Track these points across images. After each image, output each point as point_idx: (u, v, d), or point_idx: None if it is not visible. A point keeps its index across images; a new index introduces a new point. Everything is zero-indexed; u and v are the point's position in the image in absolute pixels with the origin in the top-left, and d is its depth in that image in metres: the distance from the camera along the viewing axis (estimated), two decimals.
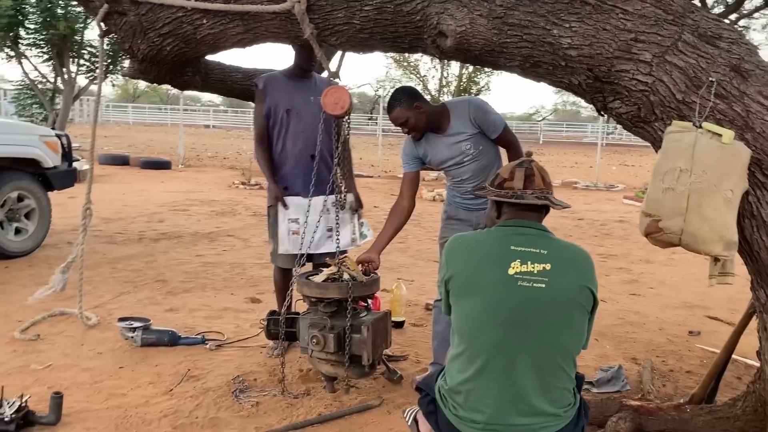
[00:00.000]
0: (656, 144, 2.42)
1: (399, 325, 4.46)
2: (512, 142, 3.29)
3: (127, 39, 3.42)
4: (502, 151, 3.39)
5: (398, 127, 3.35)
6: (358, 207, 3.77)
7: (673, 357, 4.11)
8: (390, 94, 3.42)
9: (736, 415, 2.79)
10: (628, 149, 32.47)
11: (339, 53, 3.73)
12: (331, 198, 3.60)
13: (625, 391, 3.51)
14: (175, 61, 3.52)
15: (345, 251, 3.46)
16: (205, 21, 3.15)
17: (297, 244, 3.57)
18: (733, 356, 3.69)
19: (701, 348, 4.29)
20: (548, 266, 1.87)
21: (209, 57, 3.88)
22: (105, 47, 13.05)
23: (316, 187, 3.47)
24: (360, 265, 3.24)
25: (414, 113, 3.20)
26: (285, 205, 3.67)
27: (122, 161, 16.07)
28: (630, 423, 2.87)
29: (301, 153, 3.74)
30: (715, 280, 2.27)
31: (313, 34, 3.00)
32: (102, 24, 3.45)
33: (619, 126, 2.78)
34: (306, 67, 3.77)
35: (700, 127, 2.23)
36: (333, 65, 3.40)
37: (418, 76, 14.40)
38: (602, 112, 2.57)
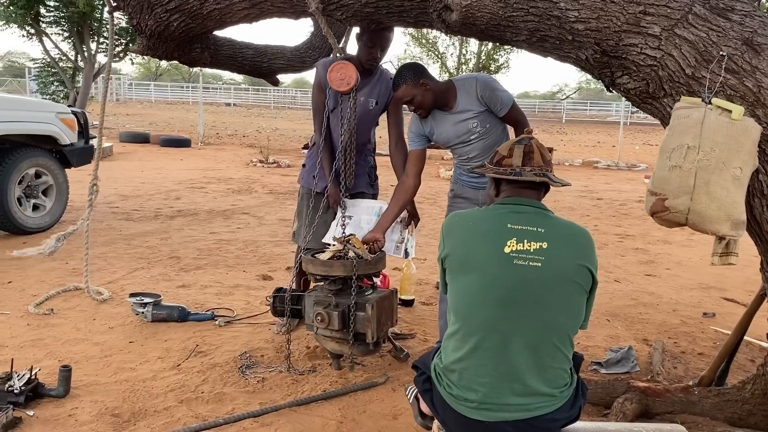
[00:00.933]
0: (665, 121, 2.36)
1: (409, 303, 4.46)
2: (520, 120, 3.22)
3: (134, 14, 3.41)
4: (510, 129, 3.33)
5: (404, 105, 3.30)
6: (409, 222, 3.60)
7: (685, 338, 4.06)
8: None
9: (744, 398, 2.74)
10: (653, 128, 31.91)
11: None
12: (385, 204, 3.51)
13: (634, 373, 3.47)
14: (182, 37, 3.50)
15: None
16: None
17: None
18: (749, 339, 3.64)
19: (715, 330, 4.23)
20: (545, 245, 1.83)
21: (217, 33, 3.86)
22: (124, 25, 13.00)
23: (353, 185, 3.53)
24: (365, 244, 3.22)
25: (420, 90, 3.14)
26: (343, 208, 3.51)
27: (143, 139, 16.19)
28: (636, 404, 2.84)
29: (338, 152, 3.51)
30: (717, 259, 2.22)
31: (318, 9, 2.96)
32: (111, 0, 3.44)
33: None
34: (366, 66, 3.43)
35: (710, 102, 2.16)
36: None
37: (436, 53, 14.20)
38: (610, 88, 2.51)
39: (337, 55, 3.48)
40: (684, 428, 2.03)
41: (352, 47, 3.59)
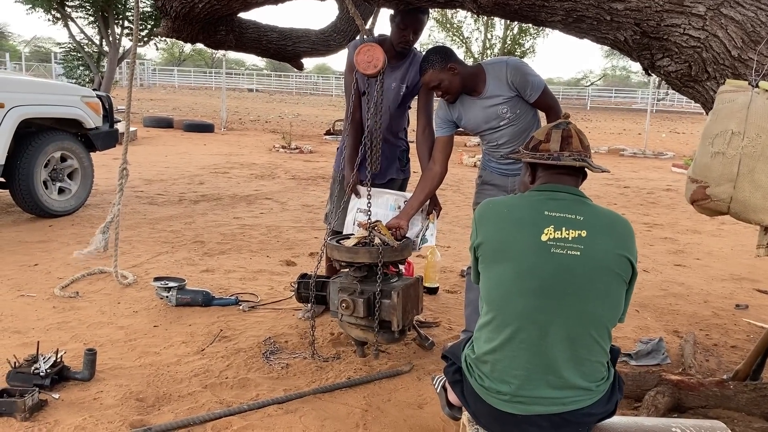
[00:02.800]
0: (707, 105, 2.26)
1: (433, 291, 4.41)
2: (551, 106, 3.12)
3: None
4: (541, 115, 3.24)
5: (431, 91, 3.21)
6: (430, 210, 3.47)
7: (717, 331, 3.95)
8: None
9: None
10: (680, 116, 31.38)
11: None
12: (402, 198, 3.46)
13: (665, 365, 3.39)
14: (207, 19, 3.47)
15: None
16: None
17: None
18: None
19: (748, 322, 4.12)
20: (584, 233, 1.76)
21: (242, 15, 3.81)
22: (148, 9, 13.04)
23: (382, 171, 3.47)
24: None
25: (448, 75, 3.05)
26: (357, 194, 3.47)
27: (166, 124, 16.26)
28: (668, 397, 2.77)
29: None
30: (763, 251, 2.13)
31: None
32: None
33: (670, 92, 2.59)
34: (397, 48, 3.40)
35: (757, 86, 2.06)
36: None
37: (461, 38, 14.00)
38: (649, 71, 2.42)
39: (364, 37, 3.41)
40: (724, 425, 1.95)
41: (380, 29, 3.52)
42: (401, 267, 3.44)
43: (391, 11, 3.28)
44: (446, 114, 3.25)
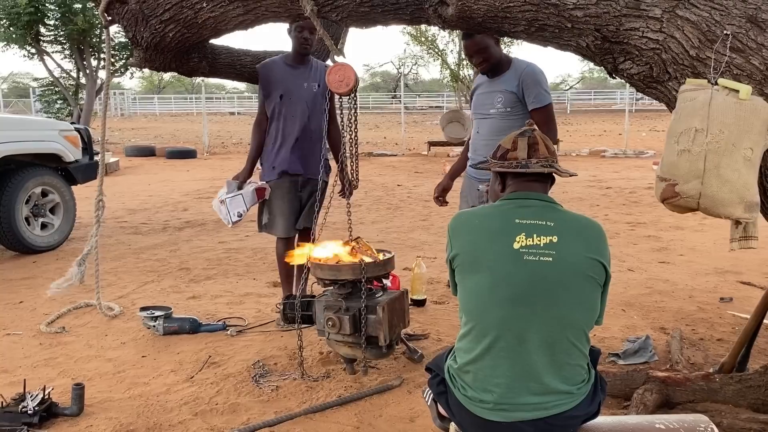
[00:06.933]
0: (671, 104, 2.31)
1: (420, 303, 4.42)
2: (549, 128, 3.18)
3: (130, 27, 3.40)
4: None
5: (471, 57, 3.34)
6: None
7: (703, 325, 3.99)
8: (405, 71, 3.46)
9: (767, 383, 2.69)
10: (659, 114, 31.69)
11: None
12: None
13: (652, 362, 3.41)
14: (179, 48, 3.49)
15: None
16: (205, 4, 3.11)
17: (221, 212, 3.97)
18: (767, 322, 3.57)
19: (733, 315, 4.16)
20: (555, 239, 1.78)
21: (215, 41, 3.84)
22: (123, 40, 13.05)
23: (309, 168, 3.89)
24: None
25: (491, 43, 3.22)
26: (240, 186, 4.03)
27: (148, 152, 16.25)
28: (657, 395, 2.79)
29: (293, 136, 3.89)
30: (737, 244, 2.17)
31: (313, 11, 2.93)
32: (105, 14, 3.43)
33: None
34: (302, 51, 3.82)
35: (716, 83, 2.11)
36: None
37: (436, 50, 14.11)
38: (613, 75, 2.46)
39: (334, 59, 3.46)
40: (707, 418, 1.97)
41: (349, 49, 3.63)
42: (386, 281, 3.46)
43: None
44: (474, 85, 3.53)
